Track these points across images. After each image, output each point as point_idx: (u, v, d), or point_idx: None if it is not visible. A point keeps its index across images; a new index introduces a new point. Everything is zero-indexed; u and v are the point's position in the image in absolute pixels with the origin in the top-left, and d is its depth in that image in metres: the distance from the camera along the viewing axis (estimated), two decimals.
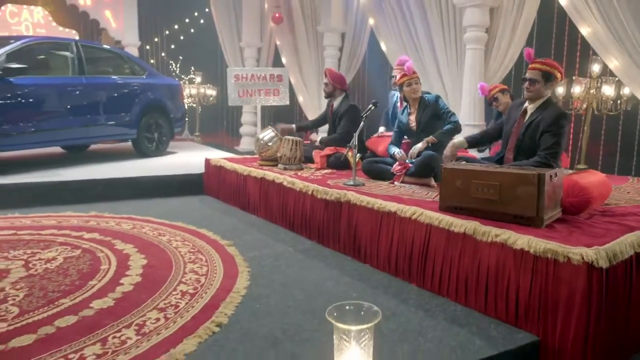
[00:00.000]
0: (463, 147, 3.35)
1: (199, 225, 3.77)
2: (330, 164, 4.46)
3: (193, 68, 10.00)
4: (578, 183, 2.60)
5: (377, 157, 4.20)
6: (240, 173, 4.50)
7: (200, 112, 9.58)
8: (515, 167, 2.61)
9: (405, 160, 3.72)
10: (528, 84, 2.92)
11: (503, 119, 3.29)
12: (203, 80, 9.35)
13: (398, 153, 3.80)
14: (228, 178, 4.73)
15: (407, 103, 3.96)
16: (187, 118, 7.71)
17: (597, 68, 4.68)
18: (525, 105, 3.03)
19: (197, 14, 11.06)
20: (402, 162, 3.73)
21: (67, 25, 9.26)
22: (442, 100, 3.87)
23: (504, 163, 2.99)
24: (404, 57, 4.64)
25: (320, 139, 4.84)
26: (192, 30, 11.22)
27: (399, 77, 3.92)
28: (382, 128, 5.03)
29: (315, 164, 4.50)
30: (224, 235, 3.53)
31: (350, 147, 3.63)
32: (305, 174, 4.07)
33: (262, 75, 6.79)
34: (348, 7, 7.62)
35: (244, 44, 9.52)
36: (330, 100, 4.90)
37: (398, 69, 4.46)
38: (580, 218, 2.57)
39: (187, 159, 6.28)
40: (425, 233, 2.61)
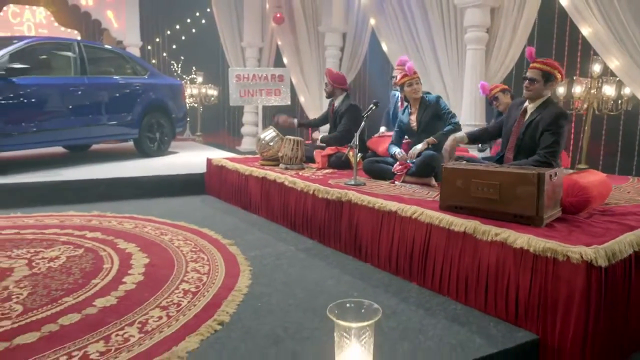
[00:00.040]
0: (463, 142, 3.35)
1: (201, 225, 3.79)
2: (332, 164, 4.48)
3: (194, 68, 10.01)
4: (578, 182, 2.62)
5: (378, 157, 4.21)
6: (242, 173, 4.51)
7: (202, 112, 9.60)
8: (515, 166, 2.63)
9: (406, 161, 3.74)
10: (528, 83, 2.94)
11: (503, 118, 3.30)
12: (204, 80, 9.37)
13: (399, 153, 3.81)
14: (229, 178, 4.75)
15: (407, 103, 3.98)
16: (188, 118, 7.71)
17: (597, 68, 4.68)
18: (525, 105, 3.04)
19: (198, 14, 11.08)
20: (402, 162, 3.74)
21: (69, 26, 9.28)
22: (442, 101, 3.88)
23: (504, 162, 3.00)
24: (404, 57, 4.65)
25: (321, 137, 4.86)
26: (193, 30, 11.24)
27: (400, 77, 3.93)
28: (383, 128, 5.05)
29: (317, 164, 4.52)
30: (226, 235, 3.54)
31: (352, 147, 3.65)
32: (307, 174, 4.09)
33: (263, 76, 6.80)
34: (349, 7, 7.63)
35: (246, 44, 9.53)
36: (332, 100, 4.92)
37: (399, 69, 4.48)
38: (580, 217, 2.58)
39: (188, 159, 6.29)
40: (426, 232, 2.62)
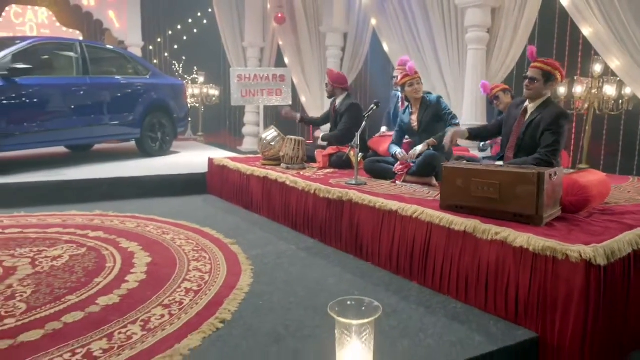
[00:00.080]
0: (464, 136, 3.34)
1: (203, 224, 3.81)
2: (333, 164, 4.49)
3: (196, 68, 10.03)
4: (578, 182, 2.63)
5: (379, 156, 4.23)
6: (244, 172, 4.53)
7: (203, 112, 9.62)
8: (515, 166, 2.64)
9: (407, 161, 3.75)
10: (528, 82, 2.96)
11: (503, 117, 3.31)
12: (206, 80, 9.39)
13: (400, 153, 3.83)
14: (231, 177, 4.76)
15: (408, 103, 3.99)
16: (190, 118, 7.73)
17: (598, 68, 4.68)
18: (526, 105, 3.06)
19: (200, 14, 11.10)
20: (403, 161, 3.76)
21: (70, 26, 9.31)
22: (443, 101, 3.89)
23: (504, 161, 3.02)
24: (405, 57, 4.67)
25: (322, 136, 4.89)
26: (195, 31, 11.26)
27: (401, 77, 3.94)
28: (384, 128, 5.06)
29: (318, 164, 4.53)
30: (228, 234, 3.56)
31: (353, 146, 3.67)
32: (308, 173, 4.10)
33: (264, 76, 6.82)
34: (350, 7, 7.65)
35: (247, 44, 9.56)
36: (333, 100, 4.95)
37: (399, 69, 4.50)
38: (580, 217, 2.60)
39: (190, 159, 6.31)
40: (426, 231, 2.64)
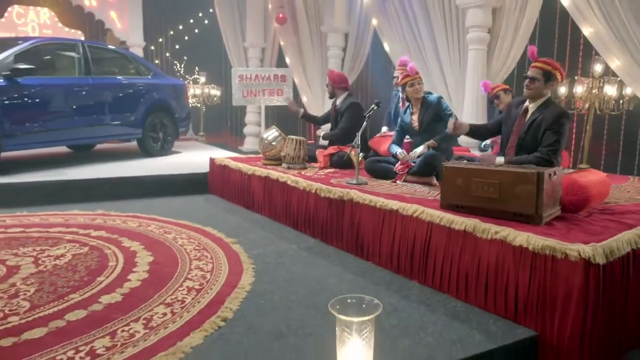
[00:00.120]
0: (464, 130, 3.31)
1: (204, 224, 3.82)
2: (334, 163, 4.51)
3: (197, 68, 10.05)
4: (577, 182, 2.64)
5: (379, 156, 4.25)
6: (245, 172, 4.55)
7: (205, 112, 9.63)
8: (515, 165, 2.66)
9: (408, 160, 3.77)
10: (528, 82, 2.97)
11: (502, 116, 3.32)
12: (207, 81, 9.40)
13: (400, 153, 3.84)
14: (232, 177, 4.78)
15: (409, 103, 4.01)
16: (191, 118, 7.75)
17: (599, 68, 4.69)
18: (526, 105, 3.07)
19: (201, 15, 11.12)
20: (404, 161, 3.77)
21: (72, 26, 9.32)
22: (444, 101, 3.91)
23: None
24: (405, 57, 4.69)
25: (323, 134, 4.92)
26: (196, 31, 11.28)
27: (402, 77, 3.96)
28: (384, 128, 5.08)
29: (319, 163, 4.55)
30: (229, 233, 3.58)
31: (353, 146, 3.68)
32: (309, 173, 4.12)
33: (266, 76, 6.84)
34: (351, 7, 7.66)
35: (248, 44, 9.57)
36: (334, 100, 4.97)
37: (400, 70, 4.52)
38: (579, 216, 2.61)
39: (191, 159, 6.33)
40: (427, 231, 2.65)
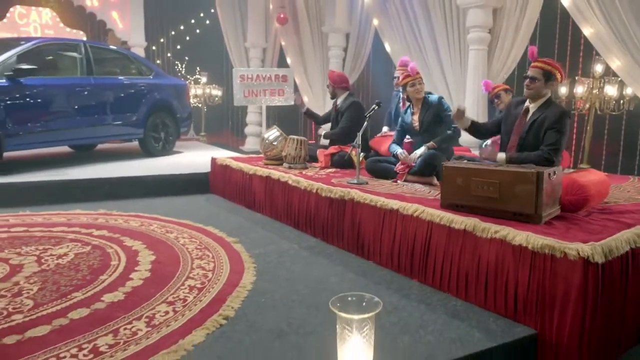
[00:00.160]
0: (466, 124, 3.32)
1: (206, 223, 3.84)
2: (335, 163, 4.53)
3: (198, 68, 10.07)
4: (577, 181, 2.66)
5: (380, 156, 4.26)
6: (246, 172, 4.57)
7: (206, 112, 9.66)
8: (515, 165, 2.67)
9: (408, 162, 3.78)
10: (529, 82, 2.99)
11: (502, 116, 3.33)
12: (208, 81, 9.42)
13: (401, 154, 3.85)
14: (234, 177, 4.80)
15: (410, 103, 4.02)
16: (192, 118, 7.78)
17: (600, 68, 4.70)
18: (527, 105, 3.08)
19: (202, 15, 11.14)
20: (404, 161, 3.79)
21: (74, 27, 9.34)
22: (445, 102, 3.92)
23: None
24: (405, 58, 4.71)
25: (324, 133, 4.95)
26: (197, 31, 11.30)
27: (403, 77, 3.97)
28: (385, 128, 5.10)
29: (320, 163, 4.57)
30: (230, 233, 3.60)
31: (354, 146, 3.70)
32: (310, 173, 4.14)
33: (267, 76, 6.85)
34: (352, 7, 7.67)
35: (249, 45, 9.59)
36: (335, 99, 4.99)
37: (400, 70, 4.53)
38: (579, 215, 2.62)
39: (193, 159, 6.35)
40: (427, 230, 2.67)
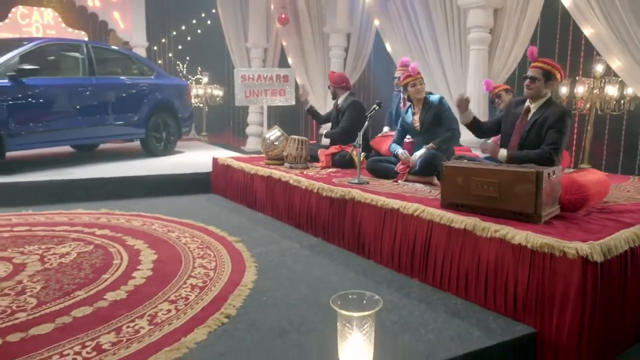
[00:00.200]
0: (469, 118, 3.30)
1: (207, 223, 3.86)
2: (335, 163, 4.55)
3: (200, 68, 10.09)
4: (576, 181, 2.67)
5: (381, 156, 4.28)
6: (247, 172, 4.59)
7: (207, 112, 9.68)
8: (514, 165, 2.69)
9: (409, 162, 3.80)
10: (529, 82, 3.01)
11: (501, 116, 3.34)
12: (210, 81, 9.44)
13: (402, 154, 3.87)
14: (235, 177, 4.82)
15: (411, 103, 4.03)
16: (193, 118, 7.80)
17: (600, 68, 4.71)
18: (527, 105, 3.10)
19: (204, 15, 11.16)
20: (405, 161, 3.80)
21: (76, 27, 9.37)
22: (445, 102, 3.93)
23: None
24: (406, 58, 4.73)
25: (325, 133, 4.98)
26: (199, 31, 11.33)
27: (404, 77, 3.99)
28: (386, 128, 5.12)
29: (321, 163, 4.58)
30: (232, 232, 3.62)
31: (355, 146, 3.72)
32: (311, 173, 4.16)
33: (268, 76, 6.86)
34: (353, 8, 7.69)
35: (251, 45, 9.60)
36: (336, 99, 5.01)
37: (401, 70, 4.55)
38: (578, 215, 2.64)
39: (194, 158, 6.37)
40: (427, 229, 2.68)
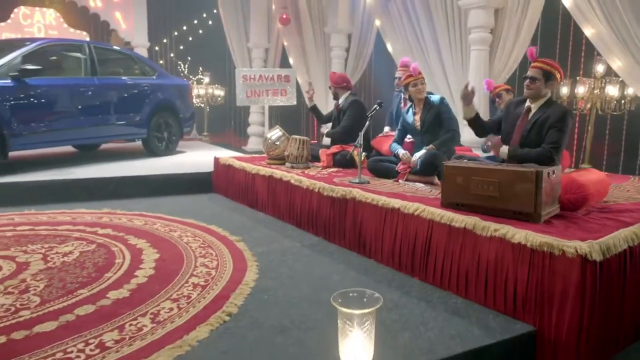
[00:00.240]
0: (472, 112, 3.28)
1: (209, 222, 3.88)
2: (337, 163, 4.56)
3: (201, 68, 10.11)
4: (576, 180, 2.68)
5: (382, 156, 4.30)
6: (249, 171, 4.60)
7: (209, 112, 9.70)
8: (514, 164, 2.70)
9: (409, 163, 3.82)
10: (529, 82, 3.03)
11: (502, 115, 3.36)
12: (211, 81, 9.46)
13: (403, 155, 3.88)
14: (237, 176, 4.84)
15: (412, 103, 4.05)
16: (195, 118, 7.83)
17: (601, 68, 4.72)
18: (528, 104, 3.11)
19: (205, 15, 11.19)
20: (405, 162, 3.82)
21: (78, 27, 9.39)
22: (446, 102, 3.94)
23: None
24: (406, 58, 4.74)
25: (327, 132, 5.00)
26: (200, 31, 11.35)
27: (405, 77, 4.00)
28: (387, 128, 5.13)
29: (322, 163, 4.60)
30: (233, 232, 3.63)
31: (356, 146, 3.73)
32: (312, 172, 4.17)
33: (269, 76, 6.88)
34: (354, 8, 7.71)
35: (252, 45, 9.63)
36: (337, 99, 5.03)
37: (402, 70, 4.57)
38: (578, 214, 2.65)
39: (196, 158, 6.39)
40: (428, 228, 2.70)
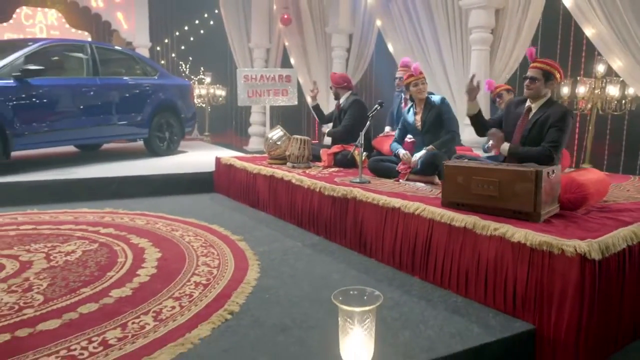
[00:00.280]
0: (476, 108, 3.27)
1: (211, 222, 3.89)
2: (337, 162, 4.58)
3: (202, 69, 10.13)
4: (575, 180, 2.70)
5: (382, 155, 4.31)
6: (250, 171, 4.62)
7: (210, 112, 9.72)
8: (514, 164, 2.72)
9: (410, 163, 3.83)
10: (529, 82, 3.04)
11: (502, 115, 3.37)
12: (212, 81, 9.49)
13: (404, 155, 3.89)
14: (238, 176, 4.86)
15: (412, 103, 4.06)
16: (196, 118, 7.85)
17: (601, 68, 4.73)
18: (529, 104, 3.13)
19: (206, 16, 11.22)
20: (405, 162, 3.84)
21: (79, 27, 9.43)
22: (447, 102, 3.95)
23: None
24: (406, 59, 4.76)
25: (328, 132, 5.03)
26: (201, 32, 11.38)
27: (406, 77, 4.02)
28: (387, 128, 5.15)
29: (323, 162, 4.62)
30: (235, 231, 3.65)
31: (357, 145, 3.75)
32: (313, 172, 4.19)
33: (270, 76, 6.90)
34: (356, 8, 7.73)
35: (253, 45, 9.65)
36: (338, 99, 5.05)
37: (402, 71, 4.58)
38: (578, 214, 2.66)
39: (197, 158, 6.41)
40: (428, 228, 2.71)
